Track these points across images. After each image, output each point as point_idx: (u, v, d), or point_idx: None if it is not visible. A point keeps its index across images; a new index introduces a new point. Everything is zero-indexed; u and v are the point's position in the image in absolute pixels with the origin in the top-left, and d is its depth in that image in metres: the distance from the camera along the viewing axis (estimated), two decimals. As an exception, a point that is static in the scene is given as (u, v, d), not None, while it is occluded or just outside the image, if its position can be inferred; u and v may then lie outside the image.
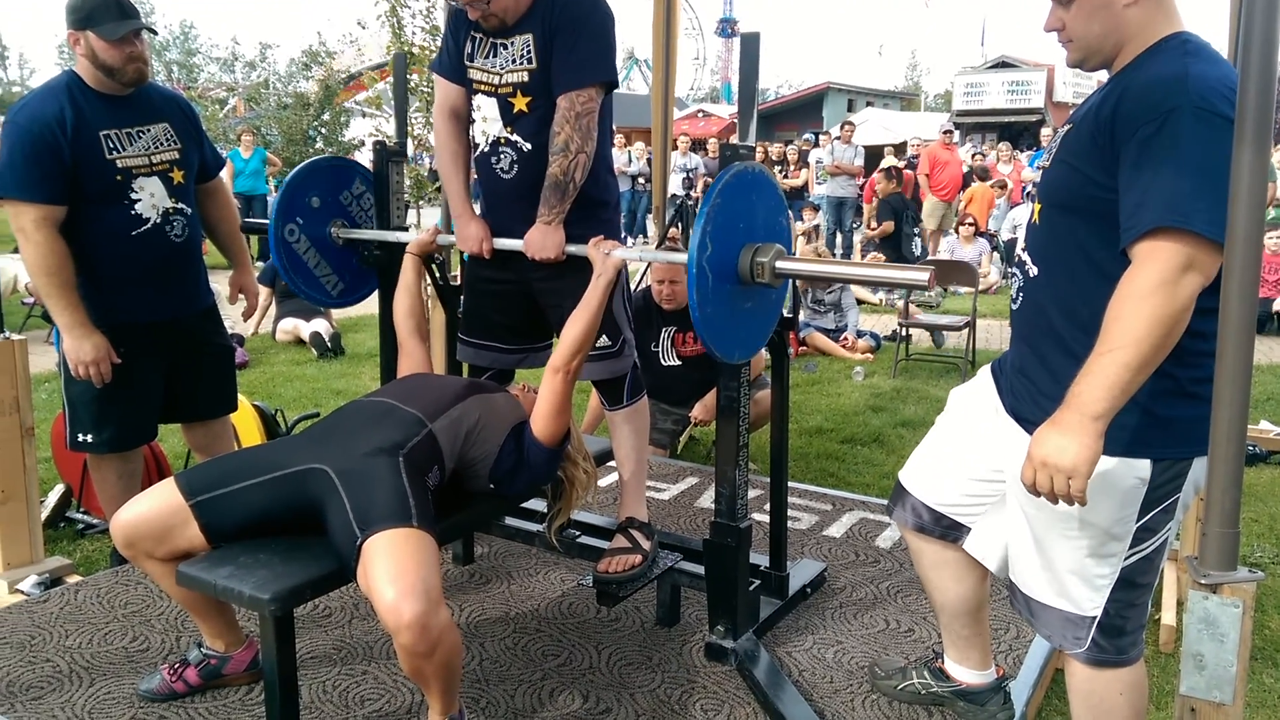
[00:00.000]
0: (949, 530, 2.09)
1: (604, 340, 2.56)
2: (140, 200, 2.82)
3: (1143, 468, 1.68)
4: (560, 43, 2.39)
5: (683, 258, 1.98)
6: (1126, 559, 1.74)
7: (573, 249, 2.42)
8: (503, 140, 2.51)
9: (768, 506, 2.79)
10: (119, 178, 2.78)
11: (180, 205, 2.92)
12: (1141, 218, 1.52)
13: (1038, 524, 1.80)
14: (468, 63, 2.54)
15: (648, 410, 2.75)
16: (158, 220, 2.86)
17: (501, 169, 2.53)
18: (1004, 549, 1.99)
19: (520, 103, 2.46)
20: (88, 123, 2.73)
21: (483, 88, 2.52)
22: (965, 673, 2.28)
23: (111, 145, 2.77)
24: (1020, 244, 1.86)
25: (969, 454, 2.03)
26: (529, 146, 2.47)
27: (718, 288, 2.02)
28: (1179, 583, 3.05)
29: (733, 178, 2.03)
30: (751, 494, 2.48)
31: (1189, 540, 2.99)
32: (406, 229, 2.96)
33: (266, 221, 2.94)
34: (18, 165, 2.66)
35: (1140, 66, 1.63)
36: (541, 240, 2.43)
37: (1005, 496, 1.94)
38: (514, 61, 2.45)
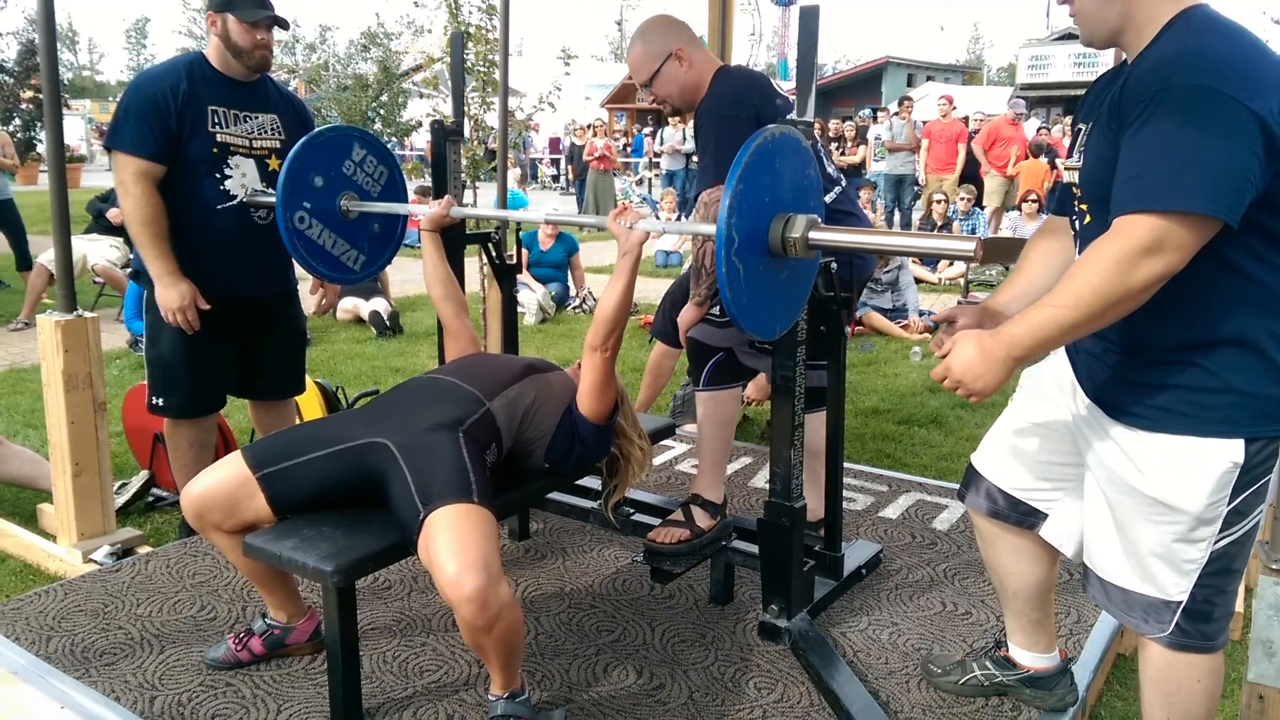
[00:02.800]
0: (1025, 516, 2.04)
1: (717, 310, 2.71)
2: (231, 178, 2.95)
3: (1237, 451, 1.64)
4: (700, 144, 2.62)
5: (710, 229, 1.92)
6: (1216, 543, 1.70)
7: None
8: None
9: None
10: (215, 150, 2.93)
11: (271, 190, 2.99)
12: (1118, 197, 1.54)
13: (1121, 509, 1.76)
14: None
15: (729, 402, 2.77)
16: (244, 200, 2.97)
17: None
18: (1080, 534, 1.94)
19: None
20: (199, 96, 2.90)
21: None
22: (1033, 658, 2.24)
23: (216, 120, 2.93)
24: (1078, 249, 1.83)
25: (1045, 436, 1.98)
26: None
27: (750, 270, 1.92)
28: (1248, 568, 2.98)
29: (752, 155, 1.88)
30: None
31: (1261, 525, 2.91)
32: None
33: None
34: (131, 121, 2.86)
35: (1148, 52, 1.61)
36: (683, 316, 2.77)
37: (1084, 480, 1.89)
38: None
